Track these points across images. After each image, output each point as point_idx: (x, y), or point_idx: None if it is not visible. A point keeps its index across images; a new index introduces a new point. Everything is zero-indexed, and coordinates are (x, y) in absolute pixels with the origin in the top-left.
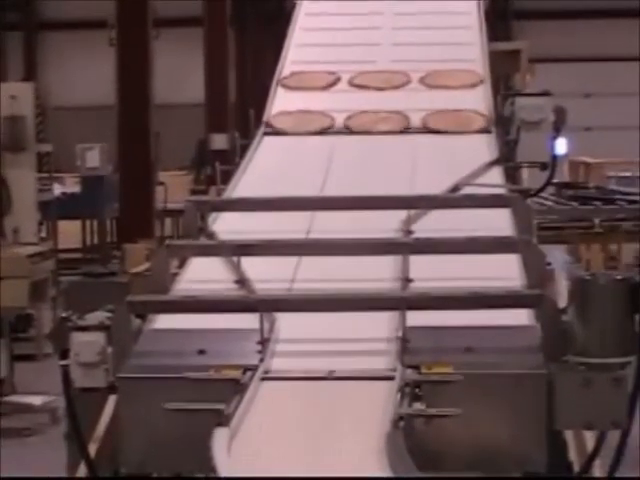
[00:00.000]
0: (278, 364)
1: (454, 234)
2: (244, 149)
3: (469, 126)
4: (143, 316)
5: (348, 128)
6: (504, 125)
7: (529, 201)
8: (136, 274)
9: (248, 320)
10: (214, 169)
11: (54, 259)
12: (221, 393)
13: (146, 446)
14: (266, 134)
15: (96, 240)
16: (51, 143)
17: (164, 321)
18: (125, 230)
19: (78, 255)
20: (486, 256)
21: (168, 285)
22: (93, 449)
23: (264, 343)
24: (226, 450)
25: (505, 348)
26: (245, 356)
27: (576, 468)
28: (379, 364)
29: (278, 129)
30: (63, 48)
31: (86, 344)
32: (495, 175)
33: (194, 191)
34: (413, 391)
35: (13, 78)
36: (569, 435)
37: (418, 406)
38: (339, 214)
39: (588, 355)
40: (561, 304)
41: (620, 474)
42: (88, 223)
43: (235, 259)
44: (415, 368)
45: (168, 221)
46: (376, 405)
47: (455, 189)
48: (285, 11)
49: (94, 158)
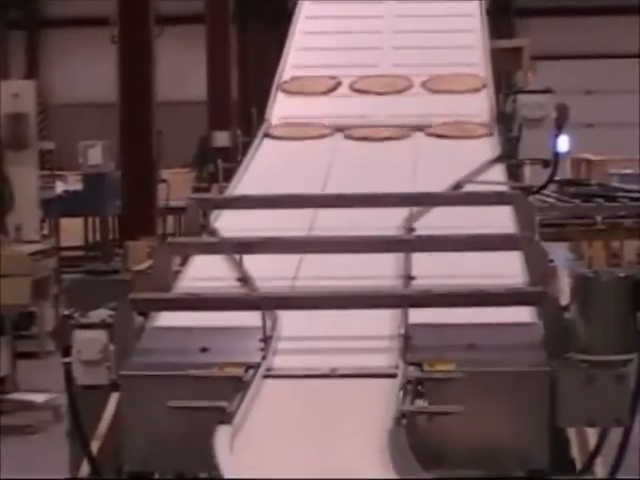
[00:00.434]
0: (280, 362)
1: (456, 231)
2: (246, 147)
3: (472, 132)
4: (145, 314)
5: (349, 138)
6: (506, 122)
7: (531, 198)
8: (138, 272)
9: (250, 318)
10: (216, 167)
11: (56, 257)
12: (223, 391)
13: (148, 444)
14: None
15: (98, 238)
16: (53, 141)
17: (166, 319)
18: (127, 228)
19: (80, 253)
20: (488, 253)
21: (170, 283)
22: (96, 447)
23: (266, 341)
24: (229, 448)
25: (507, 345)
26: (247, 354)
27: (578, 465)
28: (381, 361)
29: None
30: (65, 46)
31: (88, 342)
32: (497, 172)
33: (196, 189)
34: (415, 388)
35: (15, 76)
36: (571, 432)
37: (420, 403)
38: (341, 212)
39: (590, 352)
40: (563, 301)
41: (622, 472)
42: (90, 221)
43: (237, 257)
44: (417, 365)
45: (170, 219)
46: (378, 402)
47: (457, 187)
48: (287, 9)
49: (96, 156)
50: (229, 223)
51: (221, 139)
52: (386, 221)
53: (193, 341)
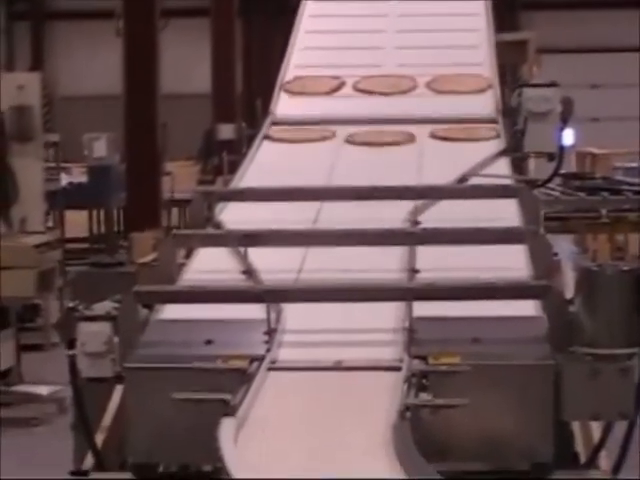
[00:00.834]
0: (285, 354)
1: (461, 225)
2: (251, 139)
3: (477, 135)
4: (150, 306)
5: (351, 143)
6: (511, 116)
7: (536, 192)
8: (143, 264)
9: (255, 310)
10: (221, 159)
11: (61, 249)
12: (228, 383)
13: (153, 436)
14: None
15: (103, 230)
16: (58, 133)
17: (171, 311)
18: (132, 220)
19: (85, 245)
20: (493, 247)
21: (175, 275)
22: (100, 439)
23: (271, 333)
24: (233, 440)
25: (512, 339)
26: (252, 346)
27: (582, 459)
28: (386, 354)
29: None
30: (70, 38)
31: (93, 334)
32: (502, 166)
33: (201, 181)
34: (420, 382)
35: (20, 68)
36: (575, 426)
37: (425, 397)
38: (346, 204)
39: (595, 346)
40: (568, 295)
41: (626, 466)
42: (95, 213)
43: (242, 249)
44: (422, 359)
45: (175, 211)
46: (383, 395)
47: (462, 180)
48: (292, 1)
49: (101, 148)
50: (234, 216)
51: (226, 132)
52: (391, 214)
53: (197, 333)
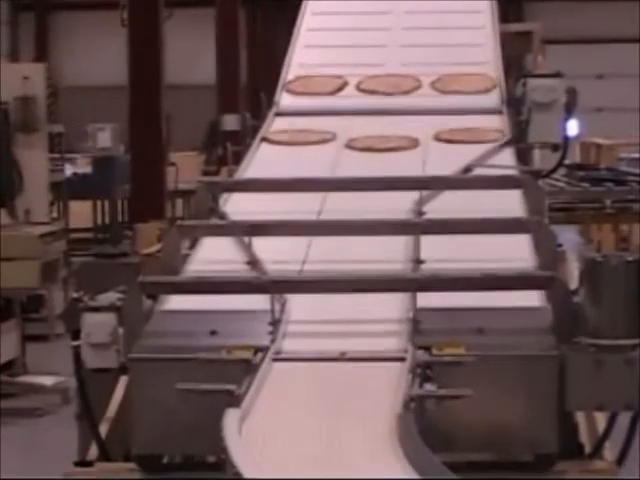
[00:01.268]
0: (289, 345)
1: (466, 215)
2: (255, 130)
3: (482, 137)
4: (154, 297)
5: (352, 148)
6: (516, 106)
7: (541, 182)
8: (147, 255)
9: (259, 301)
10: (225, 150)
11: (65, 239)
12: (232, 374)
13: (157, 427)
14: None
15: (107, 220)
16: (63, 123)
17: (175, 302)
18: (136, 210)
19: (89, 235)
20: (497, 237)
21: (179, 266)
22: (104, 430)
23: (275, 324)
24: (237, 431)
25: (516, 329)
26: (256, 337)
27: (587, 450)
28: (390, 345)
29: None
30: (75, 28)
31: (97, 325)
32: (507, 156)
33: (205, 172)
34: (424, 372)
35: (25, 58)
36: (580, 417)
37: (429, 387)
38: (350, 195)
39: (599, 336)
40: (572, 285)
41: (630, 457)
42: (99, 203)
43: (246, 240)
44: (426, 349)
45: (179, 202)
46: (387, 386)
47: (467, 170)
48: None
49: (106, 138)
50: (238, 206)
51: (230, 122)
52: (395, 204)
53: (202, 324)
